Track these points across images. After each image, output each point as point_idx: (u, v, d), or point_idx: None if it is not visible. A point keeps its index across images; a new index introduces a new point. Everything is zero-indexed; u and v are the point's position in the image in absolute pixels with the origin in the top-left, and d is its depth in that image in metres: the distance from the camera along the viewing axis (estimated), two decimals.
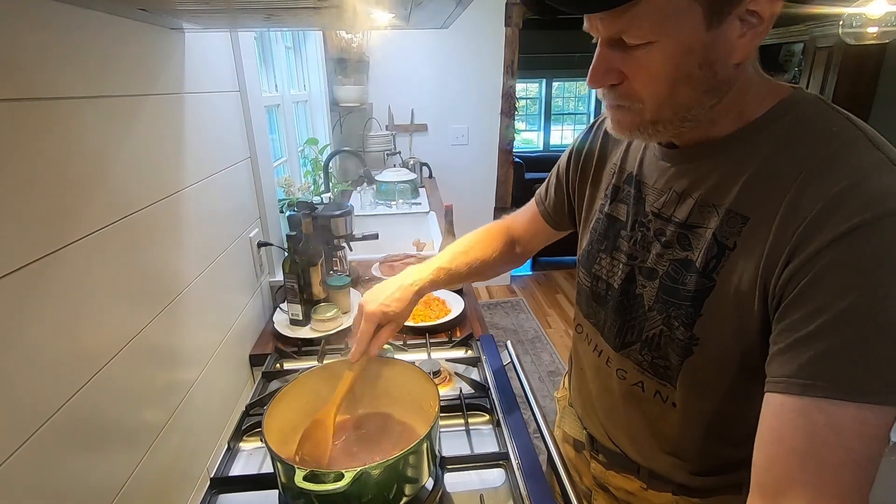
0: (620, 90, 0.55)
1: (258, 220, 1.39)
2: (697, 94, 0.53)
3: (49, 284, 0.58)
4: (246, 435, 0.97)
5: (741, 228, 0.54)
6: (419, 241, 2.04)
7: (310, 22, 0.92)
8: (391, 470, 0.68)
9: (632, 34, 0.50)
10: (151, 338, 0.80)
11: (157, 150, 0.84)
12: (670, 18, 0.48)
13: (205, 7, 0.72)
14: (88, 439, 0.65)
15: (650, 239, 0.65)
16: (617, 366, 0.72)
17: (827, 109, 0.54)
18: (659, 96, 0.53)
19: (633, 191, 0.69)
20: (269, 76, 2.06)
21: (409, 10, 0.81)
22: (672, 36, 0.49)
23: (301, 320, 1.32)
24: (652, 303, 0.64)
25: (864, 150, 0.49)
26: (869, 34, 1.78)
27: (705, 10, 0.48)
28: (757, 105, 0.56)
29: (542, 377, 2.72)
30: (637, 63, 0.52)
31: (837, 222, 0.46)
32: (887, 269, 0.45)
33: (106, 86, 0.71)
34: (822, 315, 0.46)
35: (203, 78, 1.05)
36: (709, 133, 0.58)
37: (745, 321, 0.55)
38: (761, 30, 0.50)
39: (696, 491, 0.70)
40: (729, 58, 0.51)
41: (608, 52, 0.53)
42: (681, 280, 0.60)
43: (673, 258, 0.62)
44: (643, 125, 0.56)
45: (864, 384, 0.45)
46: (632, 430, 0.73)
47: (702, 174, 0.59)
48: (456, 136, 3.48)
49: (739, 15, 0.49)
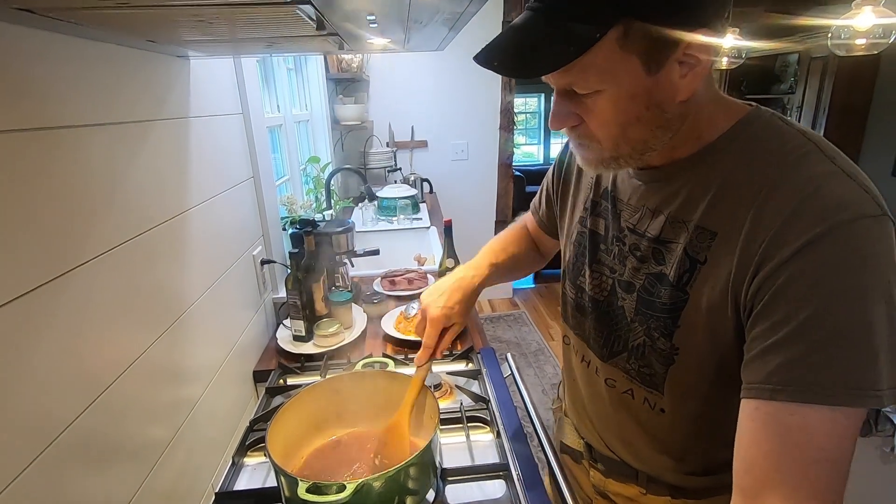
0: (579, 131, 0.59)
1: (261, 238, 1.42)
2: (650, 131, 0.57)
3: (58, 306, 0.60)
4: (250, 450, 0.98)
5: (710, 243, 0.57)
6: (420, 256, 2.07)
7: (309, 48, 0.96)
8: (392, 482, 0.69)
9: (579, 86, 0.55)
10: (157, 356, 0.82)
11: (162, 173, 0.87)
12: (611, 70, 0.52)
13: (209, 38, 0.75)
14: (95, 457, 0.66)
15: (626, 253, 0.68)
16: (605, 375, 0.74)
17: (781, 125, 0.57)
18: (613, 137, 0.57)
19: (609, 206, 0.72)
20: (272, 97, 2.11)
21: (404, 35, 0.84)
22: (616, 85, 0.53)
23: (304, 336, 1.33)
24: (633, 315, 0.67)
25: (816, 163, 0.52)
26: (857, 46, 1.82)
27: (643, 61, 0.52)
28: (715, 127, 0.59)
29: (546, 389, 2.72)
30: (588, 109, 0.56)
31: (796, 235, 0.49)
32: (843, 278, 0.47)
33: (113, 113, 0.74)
34: (788, 324, 0.48)
35: (207, 102, 1.08)
36: (672, 156, 0.61)
37: (719, 331, 0.57)
38: (700, 69, 0.53)
39: (692, 492, 0.71)
40: (674, 97, 0.54)
41: (564, 99, 0.58)
42: (656, 293, 0.63)
43: (648, 272, 0.64)
44: (605, 161, 0.60)
45: (830, 387, 0.47)
46: (626, 435, 0.75)
47: (671, 192, 0.62)
48: (456, 152, 3.53)
49: (678, 59, 0.52)
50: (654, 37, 0.50)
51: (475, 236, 3.67)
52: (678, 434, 0.68)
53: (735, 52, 3.03)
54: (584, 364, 0.80)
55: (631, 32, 0.50)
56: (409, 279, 1.69)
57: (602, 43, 0.50)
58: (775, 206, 0.51)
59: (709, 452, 0.68)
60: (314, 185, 2.35)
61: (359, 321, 1.44)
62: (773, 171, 0.53)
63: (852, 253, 0.47)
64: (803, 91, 4.65)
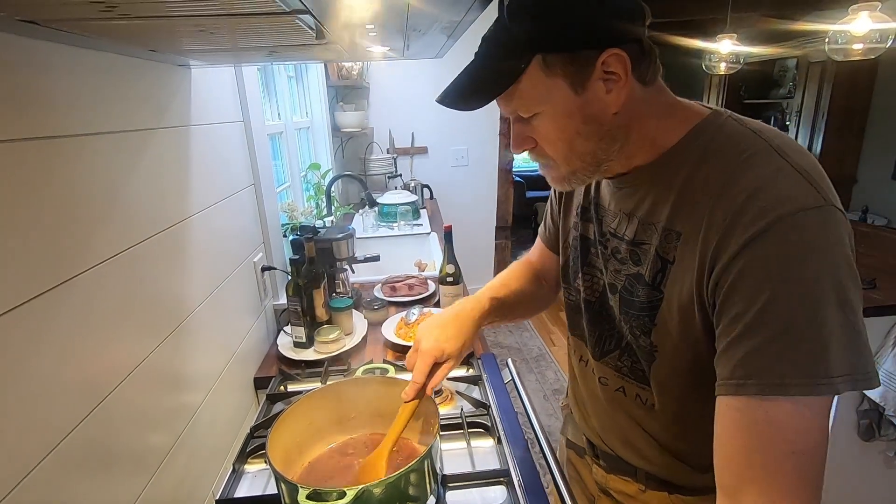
0: (536, 152, 0.66)
1: (262, 244, 1.42)
2: (594, 143, 0.61)
3: (59, 314, 0.61)
4: (251, 457, 0.98)
5: (676, 243, 0.60)
6: (421, 262, 2.07)
7: (310, 56, 0.97)
8: (393, 488, 0.69)
9: (521, 110, 0.62)
10: (157, 363, 0.82)
11: (163, 181, 0.88)
12: (543, 94, 0.59)
13: (210, 47, 0.76)
14: (96, 464, 0.66)
15: (608, 256, 0.72)
16: (599, 373, 0.77)
17: (736, 127, 0.59)
18: (561, 152, 0.63)
19: (594, 212, 0.75)
20: (272, 105, 2.12)
21: (403, 43, 0.85)
22: (551, 105, 0.60)
23: (304, 342, 1.33)
24: (618, 315, 0.70)
25: (766, 160, 0.54)
26: (854, 51, 1.83)
27: (569, 82, 0.58)
28: (669, 133, 0.62)
29: (547, 395, 2.71)
30: (536, 130, 0.63)
31: (743, 230, 0.51)
32: (787, 269, 0.48)
33: (115, 121, 0.75)
34: (744, 318, 0.50)
35: (208, 110, 1.09)
36: (632, 163, 0.65)
37: (690, 329, 0.60)
38: (622, 83, 0.57)
39: (690, 490, 0.72)
40: (606, 111, 0.59)
41: (517, 125, 0.65)
42: (635, 293, 0.66)
43: (628, 273, 0.68)
44: (566, 177, 0.66)
45: (786, 378, 0.48)
46: (622, 433, 0.76)
47: (640, 197, 0.66)
48: (456, 158, 3.54)
49: (599, 77, 0.57)
50: (569, 61, 0.57)
51: (475, 242, 3.71)
52: (670, 430, 0.70)
53: (733, 57, 3.04)
54: (582, 363, 0.83)
55: (549, 59, 0.57)
56: (410, 285, 1.69)
57: (528, 73, 0.58)
58: (724, 205, 0.53)
59: (700, 449, 0.67)
60: (315, 192, 2.36)
61: (359, 327, 1.44)
62: (724, 172, 0.55)
63: (795, 245, 0.48)
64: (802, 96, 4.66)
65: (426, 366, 0.78)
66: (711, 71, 3.24)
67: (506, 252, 3.82)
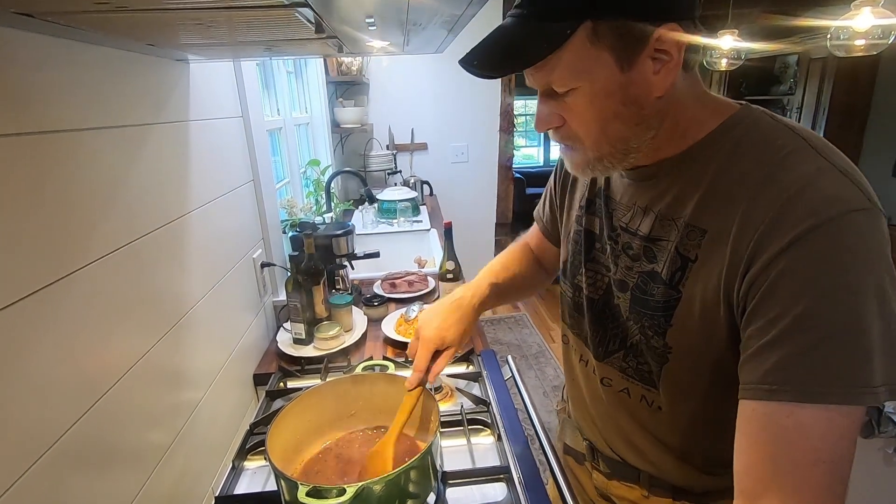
0: (562, 132, 0.61)
1: (261, 241, 1.42)
2: (629, 128, 0.57)
3: (57, 310, 0.60)
4: (250, 454, 0.98)
5: (700, 241, 0.57)
6: (420, 259, 2.07)
7: (309, 51, 0.96)
8: (393, 485, 0.69)
9: (557, 84, 0.56)
10: (157, 359, 0.81)
11: (162, 177, 0.87)
12: (585, 67, 0.54)
13: (208, 41, 0.75)
14: (95, 461, 0.66)
15: (618, 252, 0.68)
16: (602, 374, 0.74)
17: (771, 122, 0.57)
18: (593, 134, 0.58)
19: (602, 205, 0.72)
20: (271, 100, 2.11)
21: (403, 38, 0.84)
22: (590, 81, 0.54)
23: (304, 339, 1.33)
24: (627, 313, 0.67)
25: (807, 159, 0.52)
26: (857, 47, 1.82)
27: (615, 57, 0.53)
28: (700, 126, 0.59)
29: (547, 392, 2.71)
30: (569, 108, 0.58)
31: (786, 231, 0.48)
32: (833, 274, 0.46)
33: (113, 117, 0.74)
34: (781, 322, 0.48)
35: (207, 105, 1.08)
36: (658, 155, 0.62)
37: (713, 330, 0.57)
38: (673, 64, 0.53)
39: (694, 495, 0.71)
40: (650, 93, 0.55)
41: (546, 100, 0.60)
42: (649, 291, 0.63)
43: (641, 270, 0.65)
44: (590, 162, 0.61)
45: (825, 386, 0.46)
46: (627, 434, 0.74)
47: (660, 190, 0.63)
48: (456, 154, 3.53)
49: (649, 55, 0.53)
50: (622, 32, 0.51)
51: (475, 238, 3.70)
52: (677, 432, 0.68)
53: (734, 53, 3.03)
54: (582, 363, 0.80)
55: (600, 28, 0.51)
56: (410, 282, 1.69)
57: (573, 40, 0.52)
58: (764, 203, 0.51)
59: (709, 451, 0.67)
60: (314, 188, 2.35)
61: (359, 324, 1.43)
62: (761, 168, 0.53)
63: (842, 249, 0.47)
64: (803, 92, 4.66)
65: (428, 353, 0.79)
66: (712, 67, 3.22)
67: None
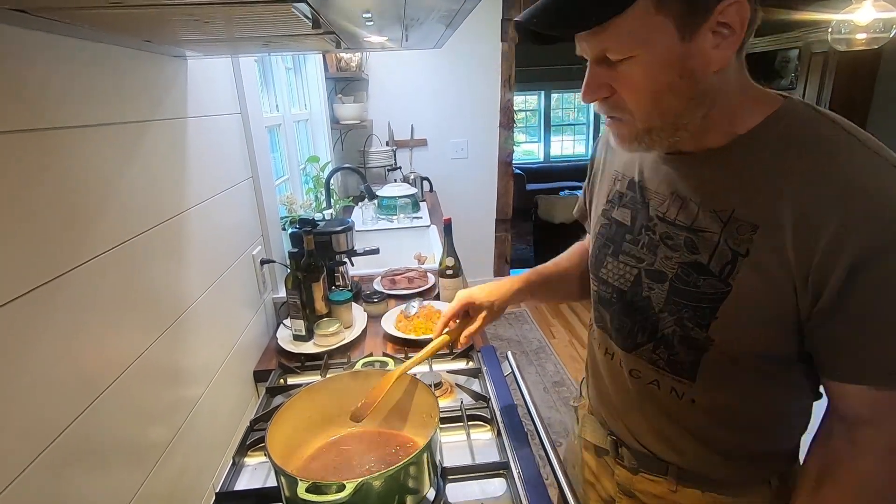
0: (611, 102, 0.60)
1: (261, 237, 1.42)
2: (683, 103, 0.57)
3: (57, 306, 0.60)
4: (250, 450, 0.98)
5: (751, 236, 0.57)
6: (420, 255, 2.06)
7: (307, 46, 0.96)
8: (392, 481, 0.69)
9: (613, 51, 0.55)
10: (156, 356, 0.81)
11: (161, 174, 0.87)
12: (645, 34, 0.53)
13: (206, 37, 0.75)
14: (95, 458, 0.66)
15: (656, 242, 0.67)
16: (630, 366, 0.73)
17: (817, 116, 0.57)
18: (645, 105, 0.57)
19: (637, 196, 0.71)
20: (270, 97, 2.10)
21: (401, 33, 0.84)
22: (649, 50, 0.54)
23: (304, 336, 1.33)
24: (662, 304, 0.66)
25: (862, 155, 0.53)
26: (858, 41, 1.81)
27: (678, 26, 0.52)
28: (748, 116, 0.59)
29: (547, 388, 2.72)
30: (622, 77, 0.57)
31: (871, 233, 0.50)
32: None
33: (111, 113, 0.74)
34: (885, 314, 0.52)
35: (205, 102, 1.08)
36: (704, 144, 0.61)
37: (765, 324, 0.58)
38: (734, 39, 0.53)
39: (722, 485, 0.70)
40: (708, 67, 0.55)
41: (597, 69, 0.58)
42: (692, 283, 0.62)
43: (682, 261, 0.64)
44: (638, 135, 0.60)
45: None
46: (656, 426, 0.73)
47: (703, 180, 0.62)
48: (456, 150, 3.52)
49: (711, 28, 0.52)
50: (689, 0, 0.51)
51: (475, 235, 3.70)
52: (709, 423, 0.68)
53: None
54: (607, 357, 0.78)
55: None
56: (410, 278, 1.69)
57: (638, 4, 0.51)
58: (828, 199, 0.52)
59: (739, 442, 0.68)
60: (314, 185, 2.35)
61: (359, 320, 1.43)
62: (815, 163, 0.54)
63: None
64: (804, 86, 4.63)
65: (456, 305, 0.87)
66: None
67: (506, 245, 3.81)
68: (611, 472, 0.83)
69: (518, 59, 3.37)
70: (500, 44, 3.29)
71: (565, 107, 7.69)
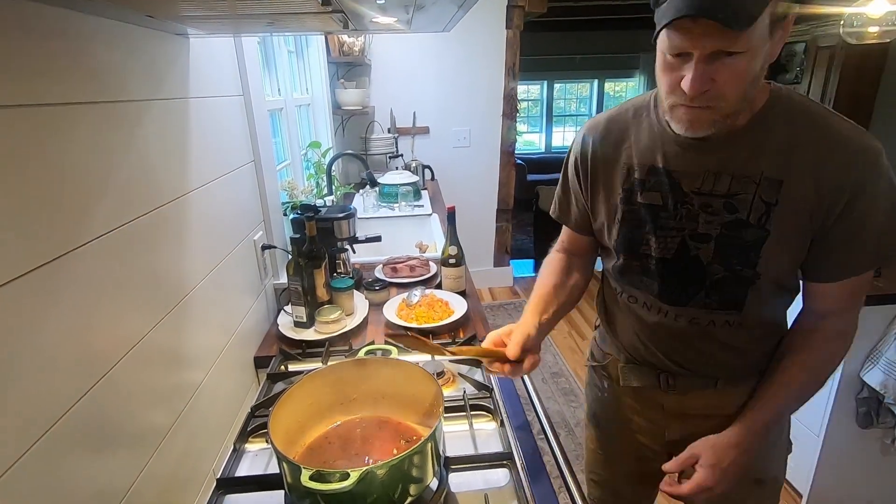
0: (710, 94, 0.67)
1: (262, 223, 1.40)
2: (754, 89, 0.69)
3: (57, 288, 0.59)
4: (251, 436, 0.97)
5: (780, 188, 0.73)
6: (422, 243, 2.05)
7: (312, 26, 0.93)
8: (396, 470, 0.69)
9: (741, 45, 0.62)
10: (157, 340, 0.80)
11: (162, 155, 0.85)
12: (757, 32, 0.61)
13: (209, 13, 0.73)
14: (96, 441, 0.65)
15: (696, 212, 0.79)
16: (689, 317, 0.85)
17: (800, 96, 0.75)
18: (740, 94, 0.67)
19: (663, 179, 0.80)
20: (272, 80, 2.07)
21: (410, 14, 0.82)
22: (754, 46, 0.63)
23: (305, 322, 1.32)
24: (711, 258, 0.80)
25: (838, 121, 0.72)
26: (870, 34, 1.79)
27: (769, 22, 0.62)
28: (758, 98, 0.73)
29: (546, 378, 2.72)
30: (728, 69, 0.64)
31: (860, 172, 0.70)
32: None
33: (112, 91, 0.72)
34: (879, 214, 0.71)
35: (207, 82, 1.06)
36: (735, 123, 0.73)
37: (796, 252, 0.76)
38: (787, 32, 0.65)
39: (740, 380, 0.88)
40: (771, 58, 0.67)
41: (703, 65, 0.65)
42: (737, 235, 0.77)
43: (723, 221, 0.77)
44: (717, 121, 0.70)
45: None
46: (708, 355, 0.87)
47: (730, 155, 0.75)
48: (458, 139, 3.49)
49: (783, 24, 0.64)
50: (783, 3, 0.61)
51: (477, 224, 3.68)
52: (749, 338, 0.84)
53: None
54: (661, 315, 0.88)
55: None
56: (411, 266, 1.68)
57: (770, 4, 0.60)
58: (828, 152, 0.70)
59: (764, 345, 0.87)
60: (315, 171, 2.32)
61: (360, 308, 1.42)
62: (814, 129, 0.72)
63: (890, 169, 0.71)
64: (809, 81, 4.60)
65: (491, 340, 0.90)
66: None
67: (506, 235, 3.80)
68: (658, 405, 0.95)
69: (522, 47, 3.33)
70: (504, 31, 3.24)
71: (567, 97, 7.62)
